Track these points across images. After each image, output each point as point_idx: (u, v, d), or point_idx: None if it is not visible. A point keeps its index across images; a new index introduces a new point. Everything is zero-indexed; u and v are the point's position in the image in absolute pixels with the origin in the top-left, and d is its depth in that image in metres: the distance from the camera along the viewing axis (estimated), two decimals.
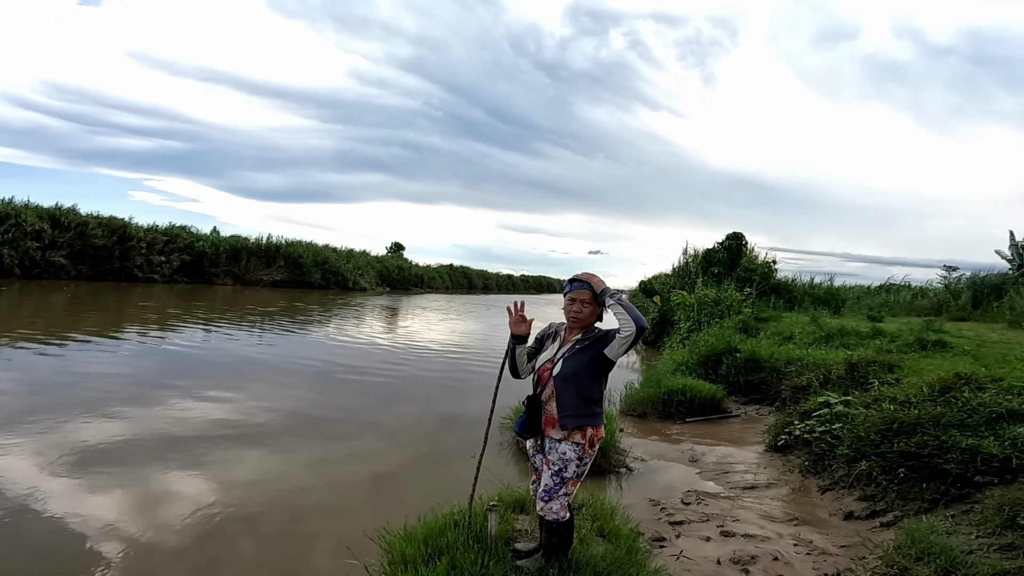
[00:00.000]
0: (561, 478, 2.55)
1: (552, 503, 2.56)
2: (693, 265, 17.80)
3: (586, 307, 2.70)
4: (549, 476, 2.57)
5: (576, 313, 2.70)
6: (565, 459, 2.55)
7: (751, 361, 8.05)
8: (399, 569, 2.50)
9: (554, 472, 2.56)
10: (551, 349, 2.75)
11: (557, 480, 2.56)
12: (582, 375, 2.59)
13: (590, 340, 2.65)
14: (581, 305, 2.70)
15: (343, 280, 35.69)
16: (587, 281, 2.72)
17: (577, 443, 2.55)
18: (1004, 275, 16.02)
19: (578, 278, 2.76)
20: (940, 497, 3.69)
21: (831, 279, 17.79)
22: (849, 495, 4.25)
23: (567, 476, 2.56)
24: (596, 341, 2.63)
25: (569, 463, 2.55)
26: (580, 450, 2.55)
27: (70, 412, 5.58)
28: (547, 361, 2.71)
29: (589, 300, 2.69)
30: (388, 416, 6.65)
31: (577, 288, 2.72)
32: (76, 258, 22.26)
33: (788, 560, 3.43)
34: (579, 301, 2.70)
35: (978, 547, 3.04)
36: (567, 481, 2.56)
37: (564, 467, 2.55)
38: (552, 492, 2.55)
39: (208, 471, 4.51)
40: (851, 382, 5.89)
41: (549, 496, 2.56)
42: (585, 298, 2.70)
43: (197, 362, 8.85)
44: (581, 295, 2.70)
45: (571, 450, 2.55)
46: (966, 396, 4.29)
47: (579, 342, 2.67)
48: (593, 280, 2.71)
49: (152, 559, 3.20)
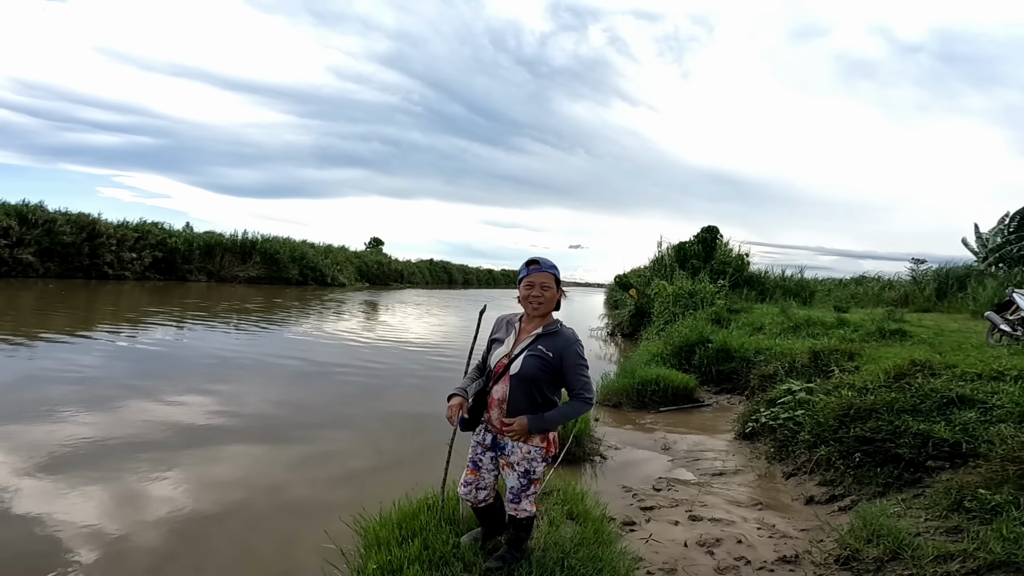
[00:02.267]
0: (528, 479, 2.46)
1: (522, 503, 2.48)
2: (668, 259, 18.06)
3: (547, 291, 2.47)
4: (515, 478, 2.46)
5: (536, 299, 2.46)
6: (530, 459, 2.44)
7: (723, 351, 8.24)
8: (374, 551, 2.57)
9: (520, 474, 2.45)
10: (507, 343, 2.52)
11: (524, 481, 2.46)
12: (542, 380, 2.40)
13: (552, 344, 2.43)
14: (541, 290, 2.46)
15: (321, 276, 35.45)
16: (550, 265, 2.51)
17: (538, 446, 2.45)
18: (968, 267, 16.55)
19: (536, 259, 2.51)
20: (894, 481, 3.84)
21: (802, 272, 18.21)
22: (810, 480, 4.42)
23: (534, 477, 2.47)
24: (558, 353, 2.41)
25: (534, 462, 2.45)
26: (543, 451, 2.47)
27: (40, 412, 5.53)
28: (503, 356, 2.50)
29: (551, 283, 2.48)
30: (365, 413, 6.70)
31: (535, 271, 2.48)
32: (44, 255, 21.81)
33: (751, 543, 3.57)
34: (538, 285, 2.46)
35: (925, 530, 3.18)
36: (534, 481, 2.48)
37: (531, 468, 2.45)
38: (520, 493, 2.47)
39: (183, 470, 4.51)
40: (815, 370, 6.10)
41: (518, 498, 2.47)
42: (546, 281, 2.47)
43: (170, 361, 8.77)
44: (541, 278, 2.47)
45: (535, 451, 2.44)
46: (919, 382, 4.46)
47: (540, 338, 2.46)
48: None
49: (127, 558, 3.20)
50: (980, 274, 15.48)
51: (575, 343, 2.44)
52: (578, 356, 2.42)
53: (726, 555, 3.41)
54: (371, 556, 2.51)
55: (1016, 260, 16.28)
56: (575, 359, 2.41)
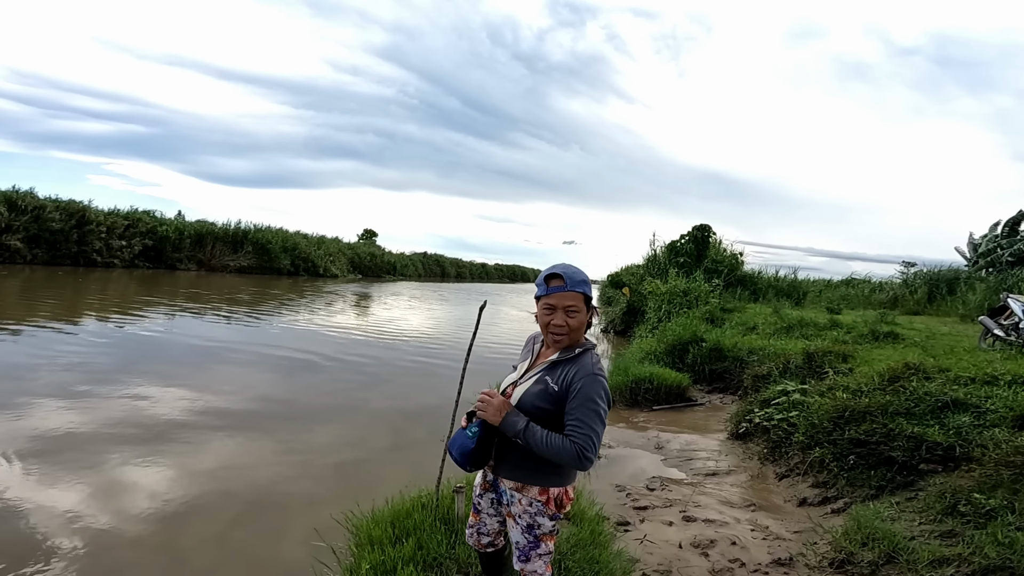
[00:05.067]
0: (534, 535, 1.95)
1: (531, 563, 1.98)
2: (662, 257, 18.08)
3: (574, 317, 1.87)
4: (519, 533, 1.98)
5: (559, 329, 1.88)
6: (532, 512, 1.94)
7: (716, 350, 8.24)
8: (366, 551, 2.53)
9: (524, 528, 1.96)
10: (520, 368, 2.05)
11: (530, 538, 1.96)
12: (540, 416, 1.85)
13: (563, 374, 1.87)
14: (566, 316, 1.87)
15: (313, 267, 35.25)
16: (579, 280, 1.90)
17: (537, 499, 1.92)
18: (958, 271, 16.71)
19: (559, 274, 1.89)
20: (887, 484, 3.85)
21: (795, 272, 18.31)
22: (803, 482, 4.42)
23: (541, 533, 1.95)
24: (566, 384, 1.84)
25: (538, 517, 1.94)
26: (545, 508, 1.93)
27: (27, 400, 5.44)
28: (510, 384, 2.01)
29: (580, 305, 1.88)
30: (356, 405, 6.65)
31: (558, 290, 1.87)
32: (32, 242, 21.52)
33: (745, 545, 3.56)
34: (562, 310, 1.87)
35: (920, 533, 3.19)
36: (542, 538, 1.96)
37: (534, 523, 1.94)
38: (528, 551, 1.97)
39: (171, 460, 4.45)
40: (808, 371, 6.11)
41: (526, 555, 1.98)
42: (573, 304, 1.87)
43: (158, 350, 8.67)
44: (567, 300, 1.87)
45: (536, 504, 1.93)
46: (914, 385, 4.48)
47: (549, 369, 1.91)
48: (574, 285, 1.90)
49: (114, 549, 3.16)
50: (969, 278, 15.64)
51: (592, 377, 1.82)
52: (588, 395, 1.79)
53: (720, 557, 3.40)
54: (364, 555, 2.47)
55: (1005, 264, 16.44)
56: (586, 396, 1.79)
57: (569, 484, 1.96)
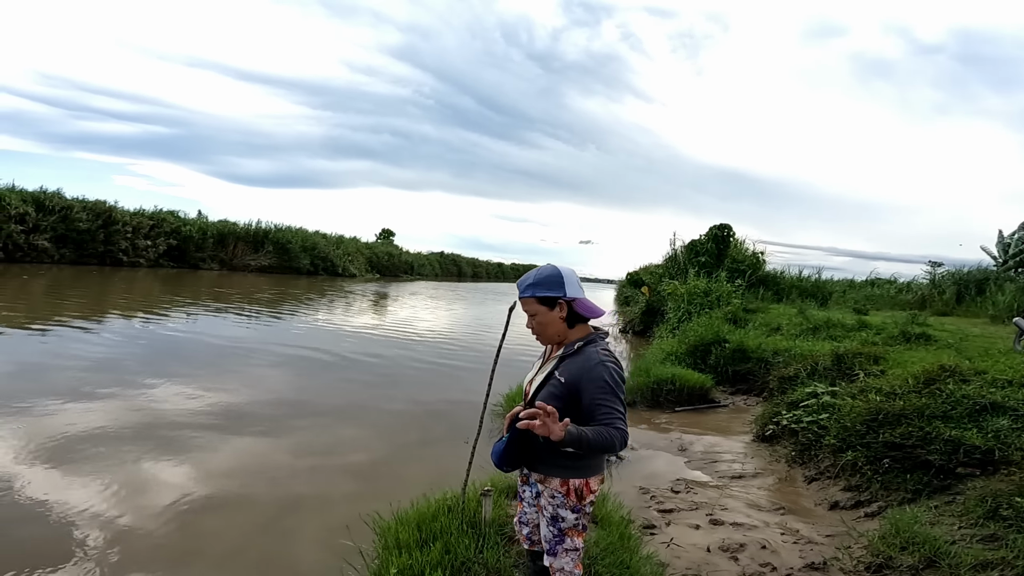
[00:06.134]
0: (559, 528, 1.97)
1: (559, 559, 1.98)
2: (682, 256, 17.88)
3: (535, 320, 1.97)
4: (546, 525, 2.02)
5: (534, 332, 2.01)
6: (555, 504, 1.97)
7: (739, 351, 8.11)
8: (393, 553, 2.50)
9: (549, 520, 2.00)
10: (535, 365, 2.12)
11: (555, 531, 1.98)
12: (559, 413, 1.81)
13: (569, 368, 1.91)
14: (533, 320, 1.98)
15: (332, 266, 35.55)
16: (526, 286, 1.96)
17: (558, 492, 1.95)
18: (987, 271, 16.32)
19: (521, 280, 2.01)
20: (923, 488, 3.75)
21: (819, 272, 17.99)
22: (834, 485, 4.32)
23: (565, 527, 1.97)
24: (574, 379, 1.87)
25: (560, 509, 1.96)
26: (566, 500, 1.94)
27: (50, 397, 5.52)
28: (528, 382, 2.09)
29: (540, 309, 1.95)
30: (377, 403, 6.65)
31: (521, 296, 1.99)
32: (60, 242, 21.98)
33: (775, 548, 3.48)
34: (529, 316, 1.99)
35: (961, 537, 3.10)
36: (566, 532, 1.97)
37: (557, 515, 1.97)
38: (555, 544, 1.99)
39: (191, 458, 4.47)
40: (837, 373, 5.97)
41: (553, 550, 1.99)
42: (529, 309, 1.97)
43: (181, 348, 8.77)
44: (525, 307, 1.98)
45: (558, 496, 1.95)
46: (950, 388, 4.36)
47: (563, 360, 1.96)
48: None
49: (132, 547, 3.16)
50: (999, 279, 15.26)
51: (599, 364, 1.84)
52: (601, 381, 1.82)
53: (750, 561, 3.32)
54: (391, 559, 2.44)
55: None
56: (597, 383, 1.82)
57: (592, 476, 1.96)
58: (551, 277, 1.94)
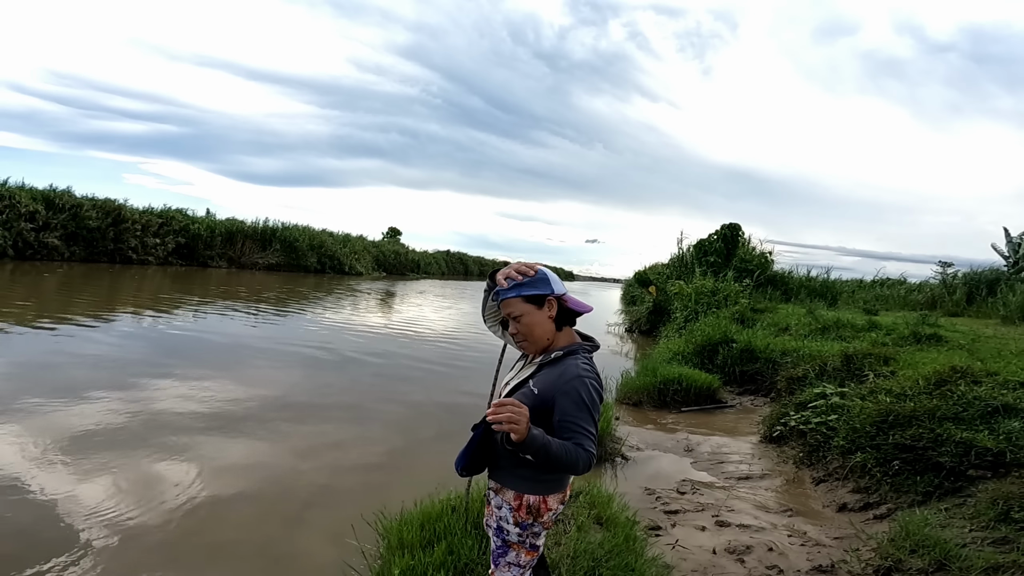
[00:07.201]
0: (503, 540, 1.83)
1: (500, 572, 1.84)
2: (689, 256, 17.80)
3: (521, 322, 1.77)
4: (492, 534, 1.87)
5: (516, 337, 1.82)
6: (499, 516, 1.82)
7: (747, 351, 8.06)
8: (396, 554, 2.49)
9: (495, 531, 1.85)
10: (514, 368, 1.95)
11: (498, 542, 1.84)
12: None
13: (545, 379, 1.74)
14: (516, 324, 1.78)
15: (339, 264, 35.62)
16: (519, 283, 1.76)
17: (509, 504, 1.79)
18: (998, 271, 16.14)
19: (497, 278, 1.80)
20: (934, 490, 3.71)
21: (827, 272, 17.86)
22: (843, 487, 4.27)
23: (510, 540, 1.81)
24: (548, 391, 1.69)
25: (503, 521, 1.81)
26: (512, 514, 1.79)
27: (59, 395, 5.54)
28: (505, 382, 1.94)
29: (519, 309, 1.76)
30: (382, 403, 6.65)
31: (502, 297, 1.79)
32: (70, 240, 22.11)
33: (782, 551, 3.44)
34: (512, 319, 1.79)
35: (972, 540, 3.06)
36: (511, 546, 1.82)
37: (501, 527, 1.82)
38: (496, 556, 1.86)
39: (198, 455, 4.48)
40: (847, 374, 5.92)
41: (495, 561, 1.86)
42: (511, 311, 1.77)
43: (189, 345, 8.80)
44: (507, 307, 1.78)
45: (505, 508, 1.81)
46: (962, 390, 4.31)
47: (534, 372, 1.80)
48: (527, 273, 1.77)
49: (139, 544, 3.17)
50: (1010, 279, 15.10)
51: (576, 379, 1.67)
52: (576, 396, 1.65)
53: (757, 563, 3.29)
54: (394, 559, 2.42)
55: None
56: (572, 398, 1.65)
57: (552, 494, 1.79)
58: (536, 274, 1.79)
